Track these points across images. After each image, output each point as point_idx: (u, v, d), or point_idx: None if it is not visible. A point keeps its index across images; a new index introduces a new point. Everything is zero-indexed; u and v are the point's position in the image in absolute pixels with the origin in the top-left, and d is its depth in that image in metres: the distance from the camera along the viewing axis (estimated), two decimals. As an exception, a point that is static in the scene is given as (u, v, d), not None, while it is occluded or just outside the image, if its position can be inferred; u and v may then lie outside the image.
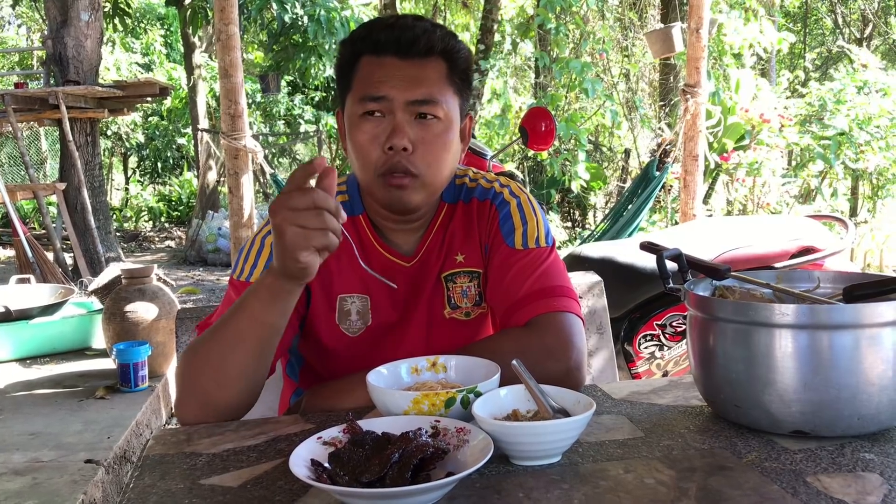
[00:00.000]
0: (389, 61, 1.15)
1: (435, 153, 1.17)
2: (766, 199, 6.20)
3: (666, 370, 2.62)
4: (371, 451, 0.82)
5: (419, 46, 1.15)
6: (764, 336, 0.92)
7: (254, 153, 3.68)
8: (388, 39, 1.15)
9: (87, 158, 7.03)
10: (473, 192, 1.31)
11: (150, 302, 3.14)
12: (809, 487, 0.79)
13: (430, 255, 1.27)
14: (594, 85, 6.79)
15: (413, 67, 1.16)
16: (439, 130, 1.17)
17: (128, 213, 13.60)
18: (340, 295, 1.24)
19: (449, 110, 1.18)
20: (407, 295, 1.26)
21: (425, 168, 1.17)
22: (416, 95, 1.15)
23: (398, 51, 1.15)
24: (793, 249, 2.55)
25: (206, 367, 1.06)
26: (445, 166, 1.20)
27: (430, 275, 1.27)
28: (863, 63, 6.98)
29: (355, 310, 1.24)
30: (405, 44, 1.15)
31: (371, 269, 1.09)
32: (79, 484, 2.08)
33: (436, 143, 1.17)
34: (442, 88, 1.17)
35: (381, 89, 1.14)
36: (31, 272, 5.19)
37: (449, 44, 1.18)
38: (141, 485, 0.87)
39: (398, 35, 1.15)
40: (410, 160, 1.15)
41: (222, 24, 3.53)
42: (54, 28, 6.95)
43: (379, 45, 1.16)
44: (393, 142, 1.14)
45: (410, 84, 1.15)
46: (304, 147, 14.51)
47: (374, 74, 1.16)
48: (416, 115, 1.16)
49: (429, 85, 1.16)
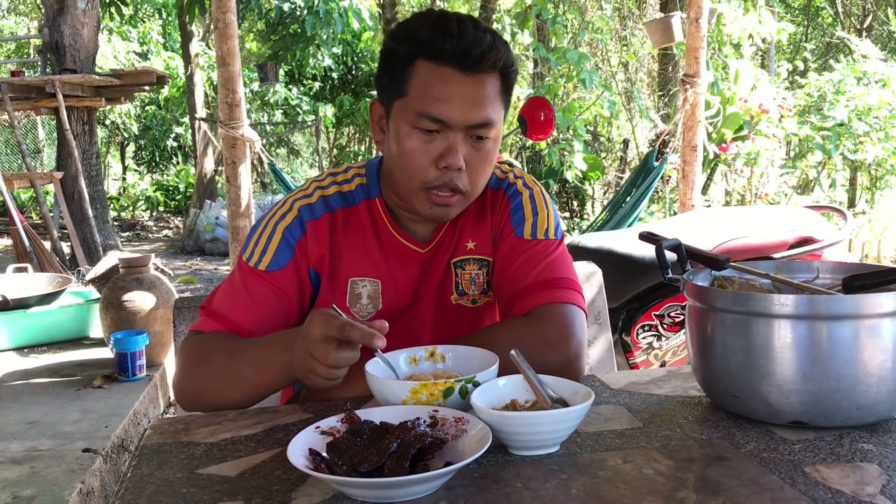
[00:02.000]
0: (450, 74, 1.10)
1: (484, 171, 1.18)
2: (765, 189, 6.20)
3: (664, 360, 2.62)
4: (369, 440, 0.82)
5: (485, 64, 1.11)
6: (763, 326, 0.91)
7: (251, 142, 3.67)
8: (453, 50, 1.10)
9: (85, 147, 7.00)
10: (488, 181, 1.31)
11: (148, 291, 3.13)
12: (808, 478, 0.79)
13: (444, 242, 1.27)
14: (591, 75, 6.77)
15: (474, 85, 1.12)
16: (490, 148, 1.17)
17: (125, 203, 13.57)
18: (352, 278, 1.24)
19: (498, 126, 1.17)
20: (419, 281, 1.26)
21: (472, 186, 1.17)
22: (477, 119, 1.12)
23: (463, 66, 1.10)
24: (791, 240, 2.54)
25: (212, 384, 1.14)
26: (487, 179, 1.22)
27: (442, 261, 1.27)
28: (863, 54, 6.96)
29: (366, 293, 1.24)
30: (472, 60, 1.10)
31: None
32: (76, 473, 2.08)
33: (486, 162, 1.17)
34: (497, 107, 1.15)
35: (442, 112, 1.11)
36: (28, 261, 5.18)
37: (508, 59, 1.15)
38: (138, 474, 0.87)
39: (465, 48, 1.10)
40: (461, 178, 1.15)
41: (220, 12, 3.51)
42: (51, 16, 6.91)
43: (442, 55, 1.10)
44: (449, 161, 1.12)
45: (471, 106, 1.11)
46: (302, 136, 14.48)
47: (434, 89, 1.11)
48: (473, 136, 1.14)
49: (487, 106, 1.13)
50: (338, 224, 1.24)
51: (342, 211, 1.25)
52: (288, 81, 12.36)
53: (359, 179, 1.28)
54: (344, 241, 1.24)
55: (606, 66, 9.50)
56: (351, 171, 1.29)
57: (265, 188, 10.62)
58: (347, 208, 1.25)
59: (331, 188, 1.26)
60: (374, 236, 1.24)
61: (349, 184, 1.27)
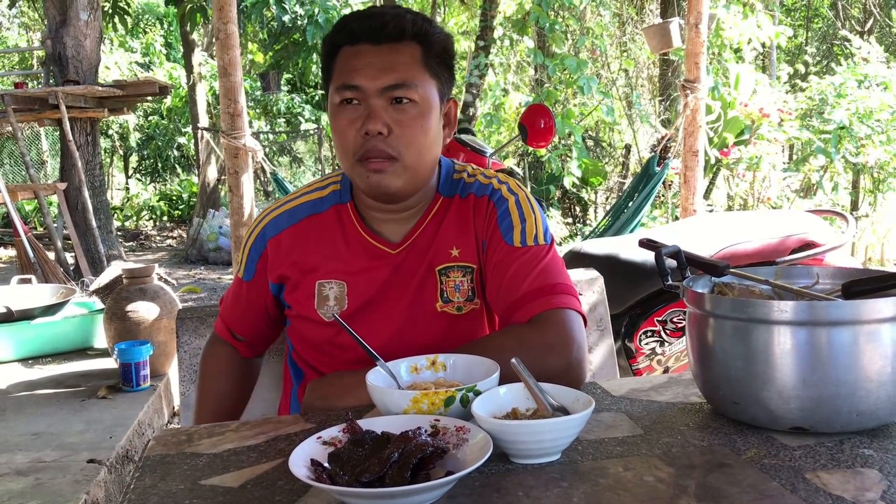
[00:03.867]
0: (364, 49, 1.18)
1: (412, 136, 1.19)
2: (767, 193, 6.19)
3: (667, 366, 2.62)
4: (371, 450, 0.83)
5: (389, 30, 1.18)
6: (762, 333, 0.92)
7: (254, 152, 3.68)
8: (360, 27, 1.19)
9: (88, 158, 7.03)
10: (471, 187, 1.31)
11: (152, 301, 3.14)
12: (808, 484, 0.79)
13: (420, 245, 1.27)
14: (589, 82, 6.78)
15: (386, 53, 1.18)
16: (415, 113, 1.19)
17: (128, 213, 13.60)
18: (319, 281, 1.28)
19: (426, 93, 1.19)
20: (390, 283, 1.26)
21: (403, 150, 1.18)
22: (389, 81, 1.17)
23: (371, 37, 1.18)
24: (793, 244, 2.54)
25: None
26: (425, 150, 1.21)
27: (420, 266, 1.27)
28: (863, 57, 6.96)
29: (333, 295, 1.27)
30: (376, 29, 1.18)
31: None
32: (81, 484, 2.08)
33: (413, 126, 1.18)
34: (416, 72, 1.19)
35: (354, 78, 1.17)
36: (32, 272, 5.19)
37: (422, 28, 1.20)
38: (142, 486, 0.87)
39: (370, 22, 1.19)
40: (387, 143, 1.17)
41: (221, 22, 3.52)
42: (53, 28, 6.95)
43: (354, 35, 1.19)
44: (368, 127, 1.16)
45: (382, 70, 1.17)
46: (304, 145, 14.51)
47: (349, 63, 1.19)
48: (392, 100, 1.18)
49: (402, 70, 1.17)
50: (302, 233, 1.29)
51: (307, 220, 1.30)
52: (290, 90, 12.40)
53: (333, 187, 1.32)
54: (310, 248, 1.28)
55: (607, 72, 9.50)
56: (328, 180, 1.34)
57: (268, 197, 10.63)
58: (313, 216, 1.30)
59: (300, 198, 1.32)
60: (342, 239, 1.28)
61: (321, 191, 1.32)
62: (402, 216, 1.27)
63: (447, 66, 1.25)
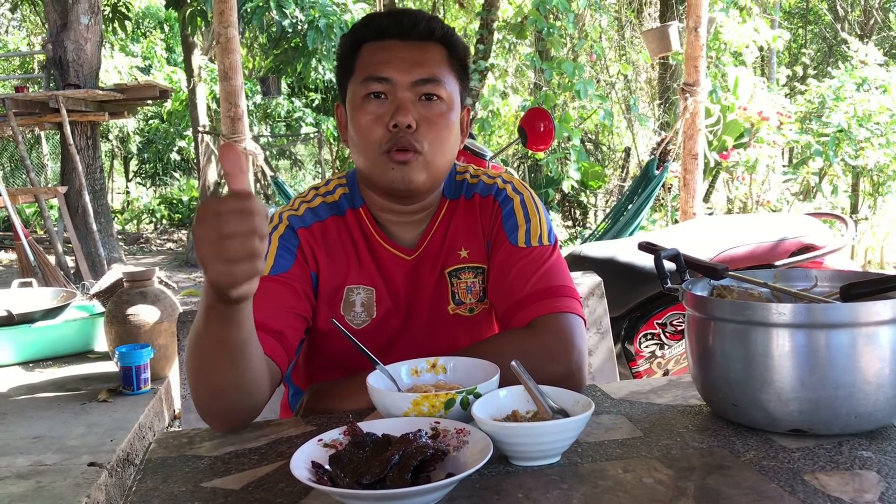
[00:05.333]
0: (392, 44, 1.19)
1: (438, 132, 1.19)
2: (766, 196, 6.20)
3: (667, 369, 2.62)
4: (371, 452, 0.83)
5: (420, 28, 1.19)
6: (761, 335, 0.92)
7: (254, 155, 3.69)
8: (389, 24, 1.20)
9: (88, 161, 7.04)
10: (475, 187, 1.31)
11: (152, 305, 3.14)
12: (807, 486, 0.80)
13: (432, 249, 1.27)
14: (586, 86, 6.80)
15: (415, 50, 1.19)
16: (443, 110, 1.19)
17: (129, 216, 13.60)
18: (348, 286, 1.24)
19: (451, 93, 1.21)
20: (407, 289, 1.26)
21: (429, 146, 1.18)
22: (420, 75, 1.17)
23: (400, 33, 1.19)
24: (792, 247, 2.55)
25: (196, 382, 1.03)
26: (448, 147, 1.22)
27: (433, 270, 1.27)
28: (861, 59, 6.97)
29: (360, 301, 1.24)
30: (407, 26, 1.19)
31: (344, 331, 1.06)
32: (82, 487, 2.08)
33: (439, 123, 1.19)
34: (443, 71, 1.20)
35: (384, 70, 1.17)
36: (32, 276, 5.19)
37: (448, 32, 1.22)
38: (143, 488, 0.88)
39: (400, 19, 1.20)
40: (415, 136, 1.17)
41: (221, 26, 3.53)
42: (54, 32, 6.96)
43: (381, 31, 1.20)
44: (398, 119, 1.15)
45: (414, 65, 1.17)
46: (305, 148, 14.52)
47: (376, 57, 1.19)
48: (420, 95, 1.18)
49: (431, 66, 1.18)
50: (329, 232, 1.25)
51: (331, 220, 1.26)
52: (290, 94, 12.41)
53: (341, 189, 1.30)
54: (336, 249, 1.25)
55: (605, 76, 9.52)
56: (332, 183, 1.32)
57: (268, 200, 10.64)
58: (335, 217, 1.27)
59: (315, 200, 1.29)
60: (365, 244, 1.26)
61: (332, 195, 1.29)
62: (414, 219, 1.27)
63: (466, 73, 1.26)
